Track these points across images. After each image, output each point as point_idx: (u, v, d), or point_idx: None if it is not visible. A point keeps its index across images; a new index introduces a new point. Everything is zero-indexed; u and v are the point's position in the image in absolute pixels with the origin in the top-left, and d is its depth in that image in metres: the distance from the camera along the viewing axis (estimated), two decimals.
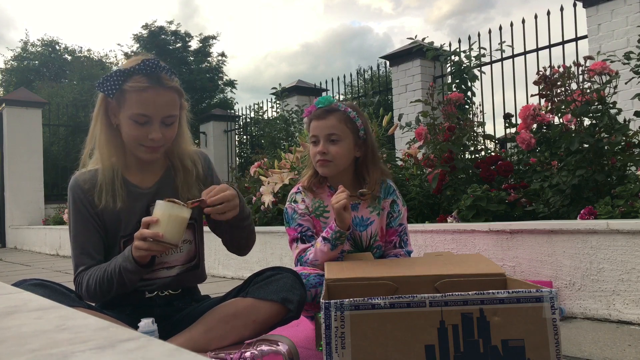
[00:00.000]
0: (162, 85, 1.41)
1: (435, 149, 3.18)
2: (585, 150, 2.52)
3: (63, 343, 0.44)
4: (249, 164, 6.03)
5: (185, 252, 1.56)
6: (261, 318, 1.44)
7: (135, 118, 1.40)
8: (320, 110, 1.80)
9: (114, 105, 1.44)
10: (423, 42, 4.71)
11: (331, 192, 1.83)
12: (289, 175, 3.57)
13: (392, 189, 1.90)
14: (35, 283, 1.34)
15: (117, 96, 1.41)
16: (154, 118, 1.41)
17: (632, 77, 2.67)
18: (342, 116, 1.78)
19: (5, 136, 8.67)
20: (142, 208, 1.50)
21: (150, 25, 20.49)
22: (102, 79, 1.41)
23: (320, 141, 1.77)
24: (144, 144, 1.43)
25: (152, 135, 1.41)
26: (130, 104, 1.40)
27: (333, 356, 1.16)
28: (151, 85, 1.39)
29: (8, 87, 22.00)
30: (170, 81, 1.43)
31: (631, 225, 1.94)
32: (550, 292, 1.17)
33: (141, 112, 1.40)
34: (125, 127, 1.43)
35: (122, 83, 1.40)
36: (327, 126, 1.76)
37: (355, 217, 1.83)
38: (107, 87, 1.40)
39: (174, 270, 1.55)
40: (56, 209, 8.41)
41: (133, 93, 1.39)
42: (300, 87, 8.89)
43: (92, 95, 1.53)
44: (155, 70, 1.40)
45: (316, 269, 1.72)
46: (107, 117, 1.47)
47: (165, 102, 1.42)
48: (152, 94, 1.39)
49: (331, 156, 1.76)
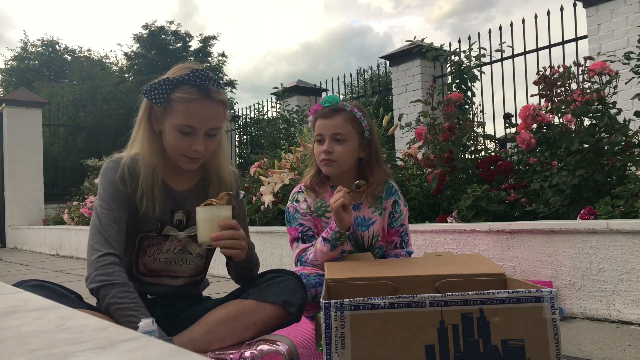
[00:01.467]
0: (210, 98, 1.39)
1: (435, 149, 3.18)
2: (585, 150, 2.51)
3: (63, 343, 0.44)
4: (249, 164, 6.02)
5: (194, 266, 1.57)
6: (262, 320, 1.44)
7: (180, 128, 1.39)
8: (326, 109, 1.79)
9: (158, 112, 1.43)
10: (422, 42, 4.71)
11: (333, 191, 1.83)
12: (289, 175, 3.56)
13: (394, 189, 1.90)
14: (35, 284, 1.34)
15: (164, 104, 1.40)
16: (199, 130, 1.39)
17: (632, 77, 2.67)
18: (348, 116, 1.77)
19: (5, 136, 8.67)
20: (167, 210, 1.49)
21: (150, 25, 20.50)
22: (149, 87, 1.40)
23: (326, 140, 1.77)
24: (186, 154, 1.42)
25: (195, 147, 1.40)
26: (177, 114, 1.38)
27: (333, 356, 1.16)
28: (200, 97, 1.38)
29: (8, 87, 22.00)
30: (218, 94, 1.41)
31: (631, 225, 1.94)
32: (550, 292, 1.17)
33: (187, 123, 1.38)
34: (169, 135, 1.42)
35: (170, 92, 1.38)
36: (332, 125, 1.76)
37: (357, 217, 1.83)
38: (154, 95, 1.38)
39: (179, 281, 1.56)
40: (56, 209, 8.41)
41: (180, 104, 1.38)
42: (300, 87, 8.90)
43: (92, 95, 1.53)
44: (205, 82, 1.38)
45: (316, 269, 1.72)
46: (150, 122, 1.46)
47: (212, 115, 1.40)
48: (199, 106, 1.38)
49: (336, 156, 1.76)
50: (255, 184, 4.11)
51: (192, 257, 1.55)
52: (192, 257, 1.55)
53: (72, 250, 6.38)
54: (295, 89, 8.78)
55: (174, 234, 1.50)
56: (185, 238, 1.52)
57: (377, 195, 1.83)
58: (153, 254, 1.50)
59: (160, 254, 1.51)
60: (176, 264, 1.53)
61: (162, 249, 1.51)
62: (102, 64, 21.88)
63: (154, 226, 1.49)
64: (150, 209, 1.44)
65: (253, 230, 3.63)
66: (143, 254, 1.50)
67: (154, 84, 1.40)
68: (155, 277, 1.52)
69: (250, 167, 4.54)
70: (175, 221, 1.51)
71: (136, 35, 20.66)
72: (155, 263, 1.51)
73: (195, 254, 1.55)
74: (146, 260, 1.50)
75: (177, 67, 1.46)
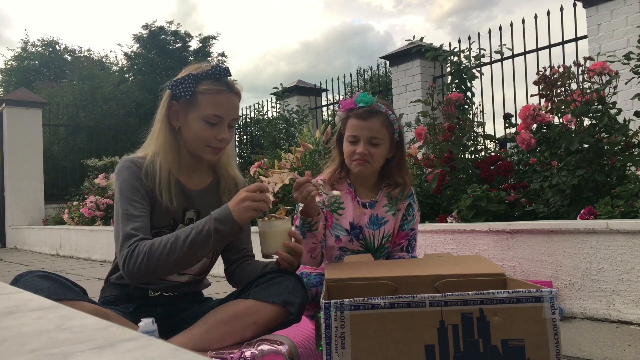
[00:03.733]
0: (232, 89, 1.52)
1: (435, 149, 3.18)
2: (585, 150, 2.52)
3: (63, 343, 0.44)
4: (249, 164, 6.03)
5: (201, 264, 1.59)
6: (262, 320, 1.44)
7: (208, 119, 1.48)
8: (362, 110, 1.76)
9: (177, 109, 1.51)
10: (421, 42, 4.71)
11: (350, 189, 1.83)
12: (289, 175, 3.57)
13: (410, 192, 1.90)
14: (40, 274, 1.34)
15: (188, 99, 1.48)
16: (225, 119, 1.51)
17: (632, 77, 2.67)
18: (384, 120, 1.76)
19: (5, 136, 8.67)
20: (180, 208, 1.54)
21: (150, 25, 20.49)
22: (174, 82, 1.50)
23: (361, 142, 1.75)
24: (211, 144, 1.51)
25: (221, 136, 1.50)
26: (205, 106, 1.48)
27: (333, 356, 1.16)
28: (225, 89, 1.50)
29: (8, 87, 21.99)
30: (237, 87, 1.55)
31: (631, 225, 1.94)
32: (550, 292, 1.17)
33: (216, 113, 1.48)
34: (195, 128, 1.50)
35: (195, 86, 1.48)
36: (370, 128, 1.74)
37: (371, 215, 1.83)
38: (182, 89, 1.48)
39: (184, 278, 1.58)
40: (56, 209, 8.41)
41: (208, 95, 1.48)
42: (300, 87, 8.90)
43: (92, 95, 1.55)
44: (226, 76, 1.51)
45: (316, 268, 1.72)
46: (168, 120, 1.53)
47: (234, 106, 1.53)
48: (224, 97, 1.50)
49: (370, 158, 1.76)
50: None
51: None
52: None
53: (72, 250, 6.38)
54: (295, 89, 8.78)
55: None
56: None
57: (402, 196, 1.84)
58: None
59: None
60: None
61: None
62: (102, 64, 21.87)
63: (167, 223, 1.53)
64: (169, 203, 1.49)
65: (254, 230, 3.62)
66: None
67: (179, 79, 1.49)
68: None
69: (250, 167, 4.55)
70: (186, 219, 1.55)
71: (136, 35, 20.65)
72: None
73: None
74: None
75: (193, 66, 1.55)
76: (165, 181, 1.50)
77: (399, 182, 1.84)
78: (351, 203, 1.82)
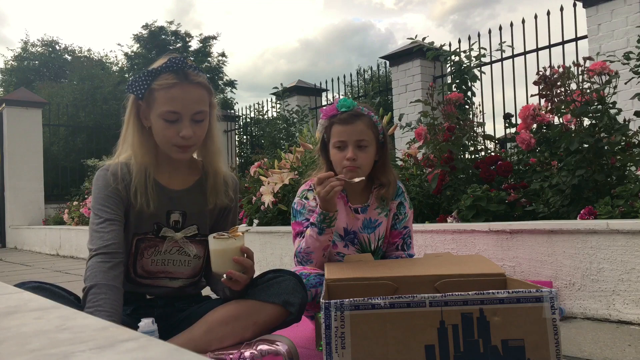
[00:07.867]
0: (189, 81, 1.41)
1: (435, 149, 3.18)
2: (585, 150, 2.52)
3: (63, 343, 0.44)
4: (249, 164, 6.03)
5: (191, 268, 1.56)
6: (262, 320, 1.44)
7: (165, 116, 1.40)
8: (346, 115, 1.75)
9: (144, 108, 1.45)
10: (423, 41, 4.71)
11: (342, 194, 1.83)
12: (289, 175, 3.56)
13: (400, 190, 1.89)
14: (34, 286, 1.33)
15: (147, 97, 1.42)
16: (183, 115, 1.41)
17: (632, 77, 2.67)
18: (368, 121, 1.76)
19: (5, 136, 8.67)
20: (163, 211, 1.49)
21: (150, 25, 20.52)
22: (130, 81, 1.42)
23: (349, 147, 1.73)
24: (175, 143, 1.43)
25: (182, 133, 1.40)
26: (160, 103, 1.40)
27: (333, 356, 1.16)
28: (178, 81, 1.40)
29: (8, 87, 22.01)
30: (197, 77, 1.43)
31: (631, 225, 1.94)
32: (550, 292, 1.17)
33: (170, 109, 1.39)
34: (156, 127, 1.43)
35: (150, 83, 1.41)
36: (356, 132, 1.73)
37: (365, 220, 1.83)
38: (135, 87, 1.41)
39: (177, 283, 1.55)
40: (56, 209, 8.41)
41: (161, 91, 1.40)
42: (300, 87, 8.90)
43: (92, 95, 1.54)
44: (182, 67, 1.40)
45: (316, 268, 1.72)
46: (139, 119, 1.47)
47: (193, 98, 1.42)
48: (179, 90, 1.39)
49: (360, 162, 1.74)
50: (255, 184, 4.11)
51: (190, 258, 1.54)
52: (190, 258, 1.54)
53: (72, 250, 6.38)
54: (295, 89, 8.78)
55: (171, 235, 1.49)
56: (182, 239, 1.51)
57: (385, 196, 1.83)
58: (150, 256, 1.49)
59: (157, 255, 1.49)
60: (174, 266, 1.52)
61: (159, 251, 1.49)
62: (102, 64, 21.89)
63: (150, 228, 1.48)
64: (145, 205, 1.44)
65: (253, 230, 3.63)
66: (140, 257, 1.49)
67: (135, 77, 1.42)
68: (153, 279, 1.52)
69: (250, 167, 4.54)
70: (171, 222, 1.50)
71: (136, 35, 20.68)
72: (152, 265, 1.50)
73: (193, 255, 1.54)
74: (144, 263, 1.49)
75: (157, 61, 1.47)
76: (141, 184, 1.44)
77: (384, 183, 1.83)
78: (344, 208, 1.82)
